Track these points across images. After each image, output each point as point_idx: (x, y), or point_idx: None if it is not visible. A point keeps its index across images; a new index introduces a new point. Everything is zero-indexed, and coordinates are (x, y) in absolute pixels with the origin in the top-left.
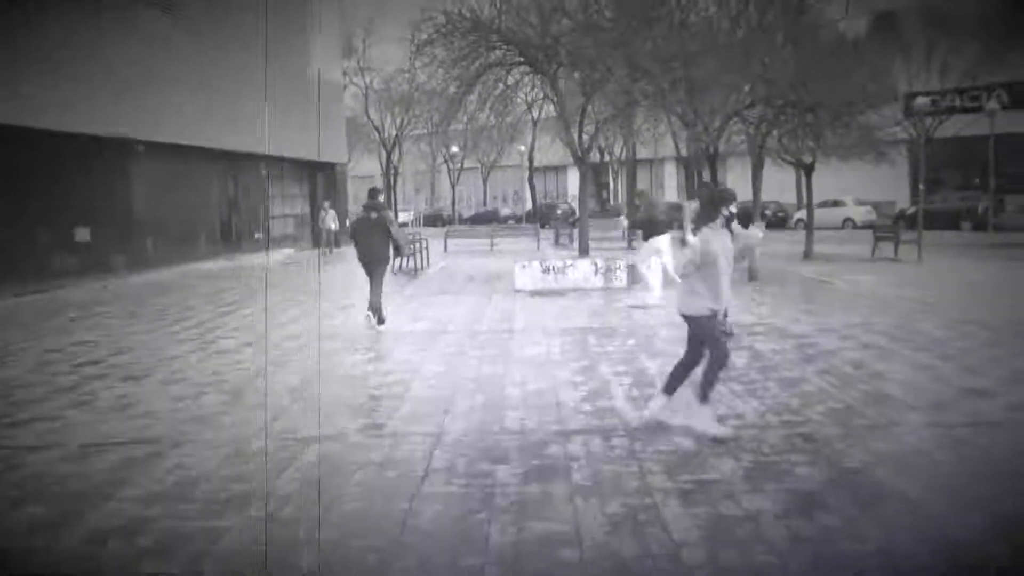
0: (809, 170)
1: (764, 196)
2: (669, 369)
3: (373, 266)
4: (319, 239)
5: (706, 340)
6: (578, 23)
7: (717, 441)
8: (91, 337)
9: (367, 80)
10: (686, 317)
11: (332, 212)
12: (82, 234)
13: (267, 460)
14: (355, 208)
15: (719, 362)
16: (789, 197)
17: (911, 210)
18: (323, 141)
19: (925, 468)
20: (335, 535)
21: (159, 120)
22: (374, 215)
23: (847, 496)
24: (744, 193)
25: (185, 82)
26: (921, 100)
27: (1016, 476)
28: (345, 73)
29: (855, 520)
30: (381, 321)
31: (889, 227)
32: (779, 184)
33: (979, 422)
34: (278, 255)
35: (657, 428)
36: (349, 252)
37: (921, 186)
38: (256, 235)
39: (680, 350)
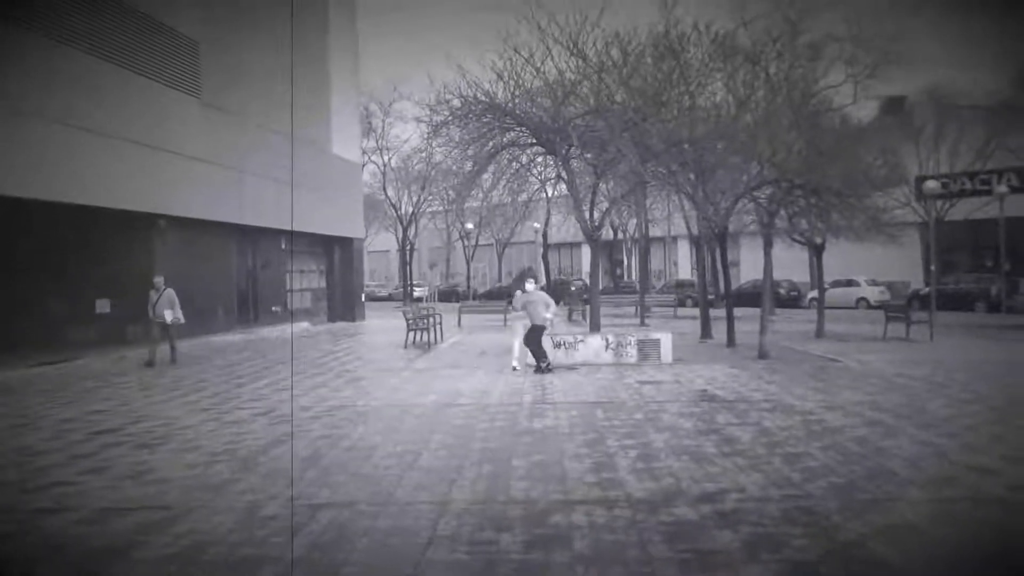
0: (820, 250)
1: (777, 275)
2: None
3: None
4: (151, 334)
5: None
6: (590, 106)
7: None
8: (107, 406)
9: (385, 158)
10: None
11: (169, 293)
12: (102, 305)
13: (278, 526)
14: (370, 283)
15: None
16: (803, 276)
17: (924, 291)
18: (341, 217)
19: (921, 542)
20: None
21: (182, 196)
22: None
23: (842, 567)
24: (756, 271)
25: (208, 159)
26: (931, 183)
27: (1014, 550)
28: (364, 151)
29: None
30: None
31: (900, 307)
32: (793, 263)
33: (979, 498)
34: (294, 328)
35: (658, 501)
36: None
37: (932, 267)
38: (273, 308)
39: (683, 423)
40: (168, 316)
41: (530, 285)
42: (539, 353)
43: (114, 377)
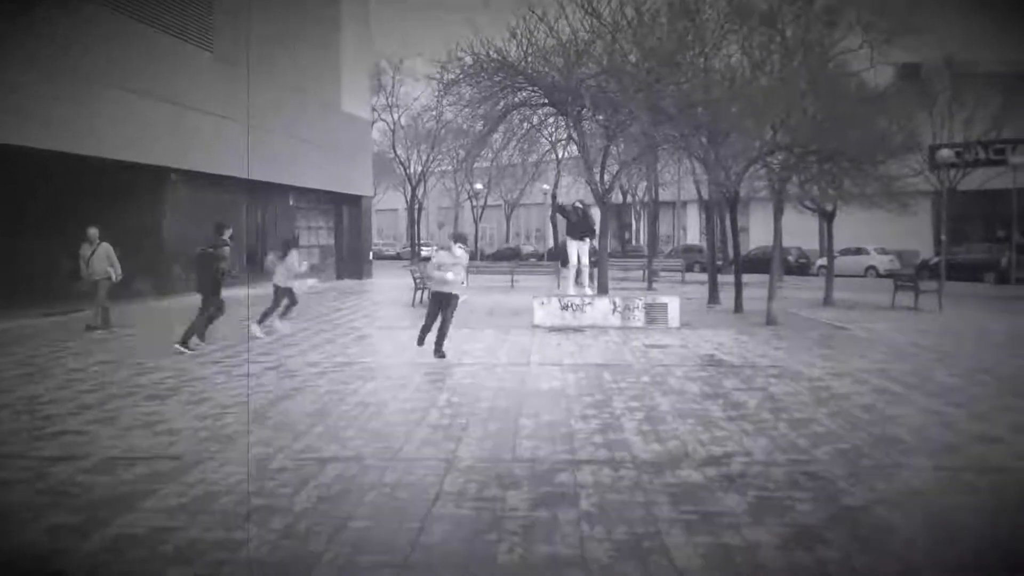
0: (831, 217)
1: (786, 242)
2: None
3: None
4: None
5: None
6: (603, 67)
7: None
8: (116, 357)
9: (395, 116)
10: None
11: (104, 247)
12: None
13: (286, 478)
14: (378, 241)
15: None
16: (812, 243)
17: (934, 260)
18: (350, 174)
19: (926, 509)
20: (347, 551)
21: (192, 150)
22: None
23: (846, 532)
24: (765, 238)
25: (219, 114)
26: (945, 152)
27: (1018, 519)
28: (374, 109)
29: (853, 554)
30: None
31: (909, 276)
32: (803, 230)
33: (985, 467)
34: (303, 285)
35: (664, 463)
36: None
37: (943, 237)
38: None
39: (690, 387)
40: (110, 272)
41: (459, 250)
42: (445, 333)
43: (117, 329)
